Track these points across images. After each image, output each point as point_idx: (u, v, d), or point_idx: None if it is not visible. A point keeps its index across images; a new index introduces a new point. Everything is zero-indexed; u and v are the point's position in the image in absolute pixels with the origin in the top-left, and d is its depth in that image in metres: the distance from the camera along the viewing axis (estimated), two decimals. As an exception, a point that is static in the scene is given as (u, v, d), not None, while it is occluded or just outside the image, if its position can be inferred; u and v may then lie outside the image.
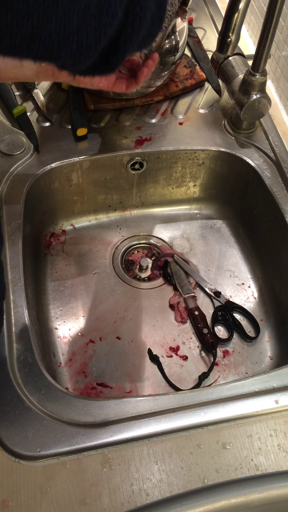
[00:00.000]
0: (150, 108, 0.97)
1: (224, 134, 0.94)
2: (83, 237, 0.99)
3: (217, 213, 1.03)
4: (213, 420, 0.63)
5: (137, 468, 0.59)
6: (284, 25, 0.93)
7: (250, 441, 0.62)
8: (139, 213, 1.03)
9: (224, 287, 0.94)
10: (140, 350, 0.86)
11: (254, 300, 0.93)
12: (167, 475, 0.59)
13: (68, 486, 0.58)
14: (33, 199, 0.86)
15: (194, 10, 1.15)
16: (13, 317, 0.70)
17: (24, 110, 0.92)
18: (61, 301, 0.91)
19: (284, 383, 0.66)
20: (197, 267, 0.96)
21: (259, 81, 0.83)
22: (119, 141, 0.92)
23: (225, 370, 0.85)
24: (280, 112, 0.99)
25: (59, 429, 0.61)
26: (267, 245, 0.93)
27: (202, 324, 0.87)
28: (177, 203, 1.04)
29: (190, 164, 0.96)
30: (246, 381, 0.66)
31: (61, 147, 0.90)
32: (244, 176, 0.94)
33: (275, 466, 0.60)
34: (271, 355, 0.86)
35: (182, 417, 0.63)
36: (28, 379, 0.64)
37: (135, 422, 0.62)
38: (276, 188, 0.87)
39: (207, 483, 0.58)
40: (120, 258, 0.97)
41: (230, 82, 0.90)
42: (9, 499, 0.56)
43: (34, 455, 0.59)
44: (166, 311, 0.91)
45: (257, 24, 1.07)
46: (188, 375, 0.84)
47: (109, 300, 0.91)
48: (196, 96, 1.00)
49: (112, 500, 0.57)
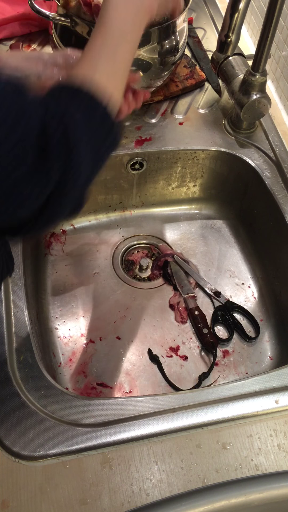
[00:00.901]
0: (150, 108, 0.97)
1: (224, 134, 0.94)
2: (83, 237, 0.99)
3: (217, 213, 1.03)
4: (213, 420, 0.63)
5: (137, 468, 0.59)
6: (284, 25, 0.93)
7: (250, 441, 0.62)
8: (139, 213, 1.03)
9: (224, 287, 0.94)
10: (140, 350, 0.86)
11: (254, 300, 0.93)
12: (167, 475, 0.59)
13: (68, 486, 0.58)
14: (33, 199, 0.86)
15: (194, 10, 1.15)
16: (13, 317, 0.70)
17: (24, 110, 0.92)
18: (61, 301, 0.91)
19: (284, 383, 0.66)
20: (197, 267, 0.96)
21: (259, 81, 0.83)
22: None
23: (225, 370, 0.85)
24: (280, 112, 0.99)
25: (59, 429, 0.61)
26: (267, 245, 0.93)
27: (202, 324, 0.87)
28: (177, 203, 1.04)
29: (190, 164, 0.96)
30: (246, 381, 0.66)
31: (61, 147, 0.89)
32: (244, 176, 0.94)
33: (275, 466, 0.60)
34: (271, 355, 0.86)
35: (182, 417, 0.63)
36: (28, 379, 0.64)
37: (135, 422, 0.62)
38: (276, 188, 0.87)
39: (207, 483, 0.58)
40: (120, 258, 0.97)
41: (230, 82, 0.90)
42: (9, 499, 0.56)
43: (34, 455, 0.59)
44: (166, 311, 0.91)
45: (257, 24, 1.07)
46: (188, 375, 0.84)
47: (109, 300, 0.91)
48: (196, 96, 0.99)
49: (112, 500, 0.57)
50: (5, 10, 1.04)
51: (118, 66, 0.52)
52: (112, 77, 0.51)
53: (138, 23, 0.55)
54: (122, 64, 0.53)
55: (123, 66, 0.53)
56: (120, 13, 0.54)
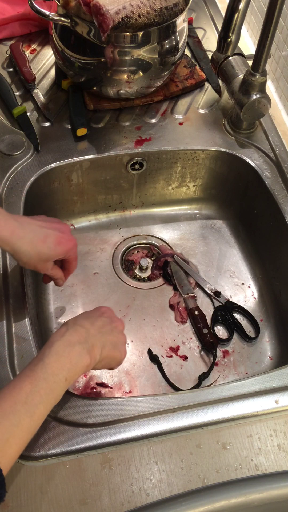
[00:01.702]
0: (150, 108, 0.97)
1: (224, 134, 0.94)
2: (83, 237, 0.99)
3: (217, 213, 1.03)
4: (213, 420, 0.63)
5: (137, 468, 0.59)
6: (284, 25, 0.93)
7: (250, 441, 0.62)
8: (139, 213, 1.03)
9: (224, 287, 0.94)
10: (140, 350, 0.86)
11: (254, 300, 0.93)
12: (167, 475, 0.59)
13: (68, 486, 0.58)
14: (33, 199, 0.86)
15: (194, 10, 1.15)
16: (13, 317, 0.70)
17: (24, 110, 0.92)
18: (61, 301, 0.91)
19: (284, 383, 0.66)
20: (197, 267, 0.96)
21: (259, 81, 0.84)
22: (119, 141, 0.92)
23: (225, 370, 0.85)
24: (280, 112, 0.99)
25: (59, 429, 0.61)
26: (267, 245, 0.93)
27: (202, 324, 0.87)
28: (177, 203, 1.04)
29: (190, 164, 0.96)
30: (246, 381, 0.66)
31: (61, 147, 0.90)
32: (244, 176, 0.94)
33: (275, 466, 0.60)
34: (271, 355, 0.86)
35: (182, 417, 0.63)
36: (28, 379, 0.64)
37: (135, 422, 0.62)
38: (276, 188, 0.87)
39: (207, 483, 0.58)
40: (120, 258, 0.97)
41: (230, 82, 0.90)
42: (9, 499, 0.56)
43: (34, 455, 0.59)
44: (166, 311, 0.91)
45: (257, 24, 1.07)
46: (188, 375, 0.84)
47: (109, 300, 0.91)
48: (196, 96, 0.99)
49: (112, 500, 0.57)
50: (5, 10, 1.04)
51: (35, 422, 0.52)
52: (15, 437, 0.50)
53: (72, 377, 0.56)
54: (38, 421, 0.53)
55: (37, 424, 0.53)
56: (61, 362, 0.55)
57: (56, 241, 0.67)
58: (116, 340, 0.64)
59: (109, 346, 0.62)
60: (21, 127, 0.91)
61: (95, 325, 0.62)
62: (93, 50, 0.84)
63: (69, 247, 0.69)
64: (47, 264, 0.69)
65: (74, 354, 0.57)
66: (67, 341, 0.57)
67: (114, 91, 0.90)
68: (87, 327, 0.61)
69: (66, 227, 0.72)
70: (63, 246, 0.68)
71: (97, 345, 0.60)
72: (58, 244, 0.68)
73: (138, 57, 0.84)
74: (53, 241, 0.67)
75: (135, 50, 0.83)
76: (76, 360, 0.56)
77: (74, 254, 0.72)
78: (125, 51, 0.83)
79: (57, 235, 0.68)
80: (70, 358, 0.56)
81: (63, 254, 0.69)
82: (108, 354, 0.62)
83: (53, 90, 0.98)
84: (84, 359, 0.57)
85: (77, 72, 0.89)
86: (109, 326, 0.64)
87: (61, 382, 0.55)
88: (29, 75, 0.97)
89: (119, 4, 0.78)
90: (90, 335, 0.60)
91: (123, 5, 0.78)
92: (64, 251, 0.69)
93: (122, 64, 0.85)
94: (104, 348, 0.61)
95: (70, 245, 0.70)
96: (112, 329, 0.64)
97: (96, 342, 0.60)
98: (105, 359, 0.61)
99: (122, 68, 0.86)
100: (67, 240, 0.69)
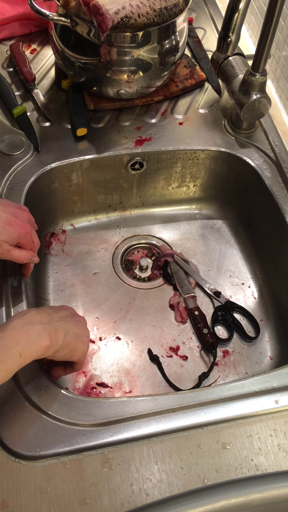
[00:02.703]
0: (150, 108, 0.97)
1: (224, 134, 0.94)
2: (83, 237, 0.99)
3: (217, 213, 1.03)
4: (213, 420, 0.63)
5: (137, 468, 0.59)
6: (284, 25, 0.93)
7: (250, 441, 0.62)
8: (139, 213, 1.03)
9: (224, 287, 0.94)
10: (140, 350, 0.86)
11: (254, 300, 0.93)
12: (167, 475, 0.59)
13: (68, 486, 0.58)
14: (33, 199, 0.86)
15: (194, 10, 1.15)
16: (13, 317, 0.70)
17: (24, 110, 0.92)
18: (61, 301, 0.91)
19: (284, 383, 0.66)
20: (197, 267, 0.96)
21: (259, 81, 0.84)
22: (119, 141, 0.92)
23: (225, 370, 0.85)
24: (280, 112, 0.99)
25: (59, 429, 0.61)
26: (267, 245, 0.93)
27: (202, 324, 0.87)
28: (177, 203, 1.04)
29: (190, 164, 0.96)
30: (246, 381, 0.66)
31: (61, 147, 0.90)
32: (244, 176, 0.94)
33: (275, 466, 0.60)
34: (271, 355, 0.86)
35: (182, 417, 0.63)
36: (28, 379, 0.64)
37: (135, 422, 0.62)
38: (276, 188, 0.87)
39: (207, 483, 0.58)
40: (120, 258, 0.97)
41: (230, 82, 0.90)
42: (9, 499, 0.56)
43: (34, 455, 0.59)
44: (166, 311, 0.91)
45: (257, 24, 1.07)
46: (188, 375, 0.84)
47: (109, 300, 0.91)
48: (196, 96, 1.00)
49: (112, 500, 0.57)
50: (5, 10, 1.04)
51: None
52: None
53: (29, 355, 0.56)
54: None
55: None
56: (16, 337, 0.55)
57: (6, 221, 0.67)
58: (80, 332, 0.64)
59: (72, 334, 0.62)
60: (21, 127, 0.91)
61: (58, 313, 0.63)
62: (93, 50, 0.84)
63: (21, 231, 0.68)
64: (3, 245, 0.67)
65: (32, 332, 0.57)
66: (27, 319, 0.58)
67: (114, 91, 0.90)
68: (49, 313, 0.61)
69: (23, 214, 0.71)
70: (14, 228, 0.67)
71: (60, 331, 0.60)
72: (8, 224, 0.67)
73: (138, 57, 0.84)
74: (2, 220, 0.66)
75: (135, 50, 0.84)
76: (34, 338, 0.56)
77: (29, 242, 0.71)
78: (125, 51, 0.83)
79: (7, 217, 0.67)
80: (27, 335, 0.56)
81: (15, 236, 0.68)
82: (71, 342, 0.62)
83: (53, 90, 0.98)
84: (44, 339, 0.57)
85: (77, 72, 0.89)
86: (72, 318, 0.65)
87: (14, 356, 0.54)
88: (29, 75, 0.97)
89: (119, 4, 0.78)
90: (53, 319, 0.60)
91: (122, 5, 0.78)
92: (15, 233, 0.68)
93: (122, 64, 0.85)
94: (67, 335, 0.61)
95: (22, 231, 0.69)
96: (75, 322, 0.65)
97: (59, 327, 0.60)
98: (68, 346, 0.61)
99: (122, 68, 0.86)
100: (19, 225, 0.68)
